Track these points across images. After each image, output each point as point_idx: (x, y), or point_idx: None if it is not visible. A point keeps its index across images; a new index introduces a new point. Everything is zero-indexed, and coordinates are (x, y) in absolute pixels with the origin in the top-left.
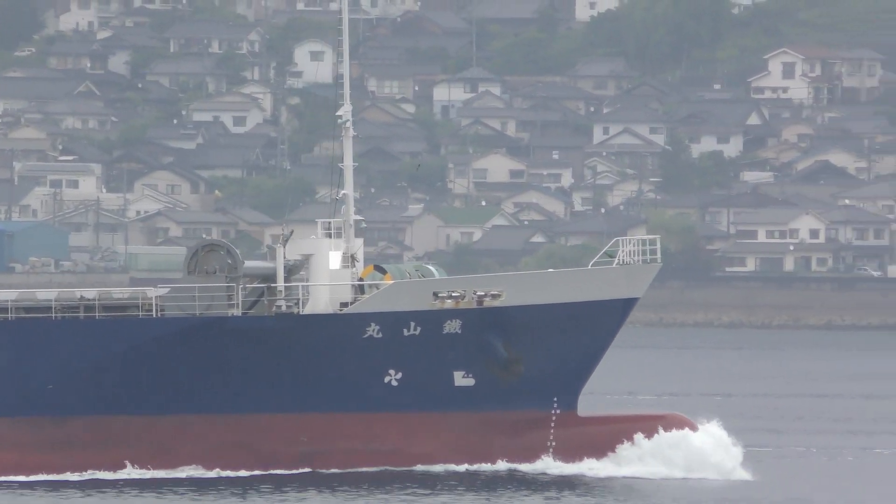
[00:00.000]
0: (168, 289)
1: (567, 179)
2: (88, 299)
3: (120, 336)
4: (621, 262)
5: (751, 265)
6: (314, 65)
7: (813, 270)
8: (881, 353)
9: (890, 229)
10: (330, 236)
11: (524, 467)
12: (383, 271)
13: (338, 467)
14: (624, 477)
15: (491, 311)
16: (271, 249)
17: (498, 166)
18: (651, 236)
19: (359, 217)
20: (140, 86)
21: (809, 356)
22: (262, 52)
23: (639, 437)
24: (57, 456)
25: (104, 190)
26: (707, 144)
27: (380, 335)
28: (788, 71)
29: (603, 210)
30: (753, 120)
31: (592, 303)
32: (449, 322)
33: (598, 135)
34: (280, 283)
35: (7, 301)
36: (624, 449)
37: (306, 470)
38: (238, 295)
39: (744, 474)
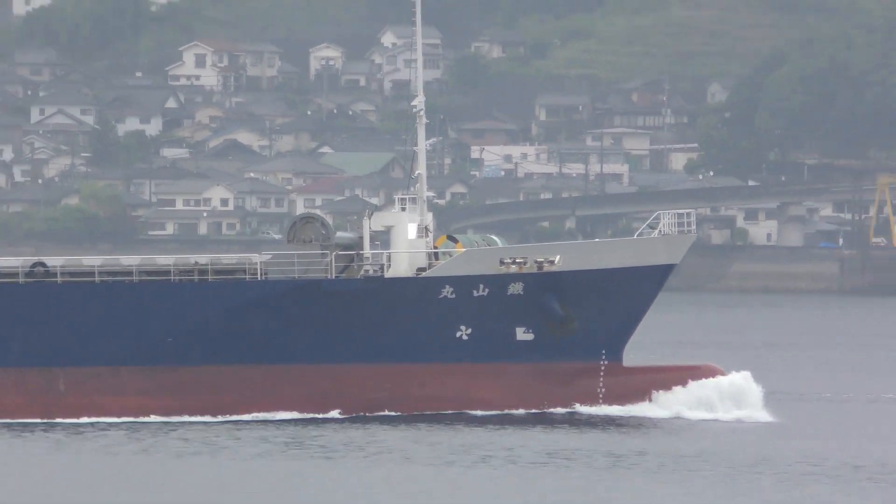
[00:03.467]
0: (271, 255)
1: (8, 154)
2: (202, 264)
3: (230, 296)
4: (661, 233)
5: (170, 229)
6: None
7: (223, 234)
8: None
9: (288, 199)
10: (402, 206)
11: (578, 410)
12: (454, 241)
13: (415, 411)
14: (663, 419)
15: (549, 275)
16: (356, 222)
17: None
18: (688, 210)
19: (431, 193)
20: None
21: None
22: None
23: (676, 384)
24: (174, 400)
25: None
26: (131, 125)
27: (453, 296)
28: (200, 61)
29: (40, 181)
30: (171, 104)
31: (635, 268)
32: (513, 285)
33: (35, 115)
34: (367, 251)
35: (131, 266)
36: (663, 394)
37: (388, 413)
38: (331, 261)
39: (767, 416)
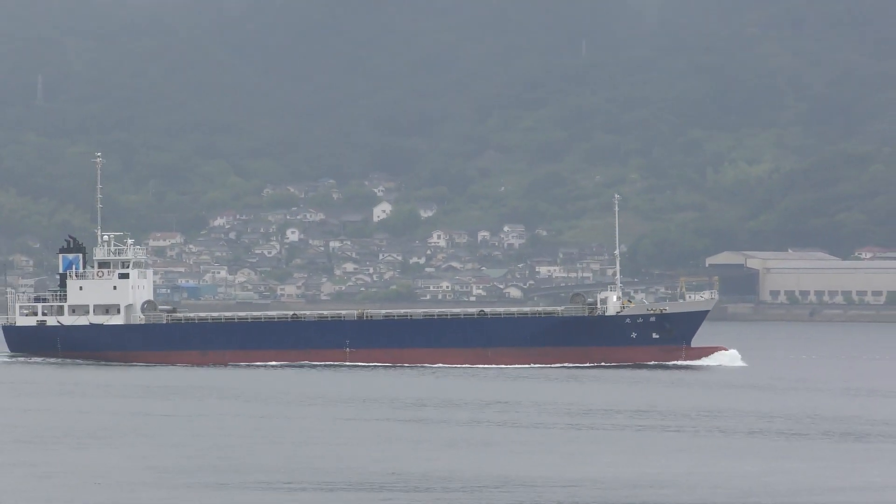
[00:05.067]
0: (564, 307)
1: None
2: (548, 310)
3: (552, 321)
4: (702, 298)
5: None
6: None
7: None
8: None
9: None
10: (610, 289)
11: (675, 363)
12: (630, 301)
13: (615, 363)
14: (704, 365)
15: (664, 314)
16: (581, 296)
17: None
18: (712, 290)
19: (620, 285)
20: None
21: None
22: None
23: (709, 353)
24: (536, 358)
25: None
26: None
27: (629, 321)
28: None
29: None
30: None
31: (696, 311)
32: (652, 317)
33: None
34: (599, 305)
35: (522, 310)
36: (705, 357)
37: (602, 364)
38: (585, 308)
39: (742, 364)
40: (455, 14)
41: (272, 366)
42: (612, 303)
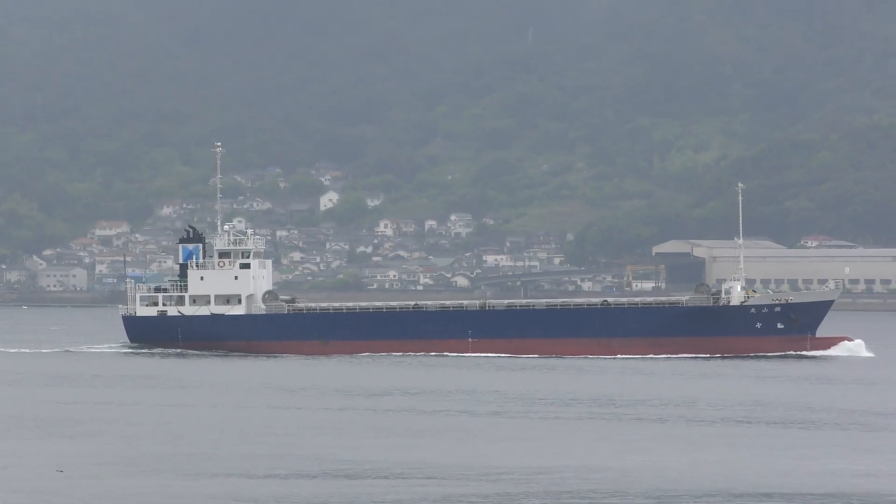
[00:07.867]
0: (688, 297)
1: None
2: (672, 300)
3: (674, 311)
4: (828, 288)
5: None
6: None
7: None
8: None
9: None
10: (734, 279)
11: (801, 353)
12: (755, 291)
13: (737, 354)
14: (830, 355)
15: (789, 304)
16: (706, 286)
17: None
18: (837, 279)
19: (744, 274)
20: None
21: None
22: None
23: (835, 343)
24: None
25: None
26: None
27: (755, 312)
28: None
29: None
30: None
31: (820, 301)
32: (777, 307)
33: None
34: (723, 295)
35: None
36: (831, 347)
37: (724, 355)
38: (709, 300)
39: (869, 354)
40: (402, 1)
41: (394, 356)
42: (737, 293)
